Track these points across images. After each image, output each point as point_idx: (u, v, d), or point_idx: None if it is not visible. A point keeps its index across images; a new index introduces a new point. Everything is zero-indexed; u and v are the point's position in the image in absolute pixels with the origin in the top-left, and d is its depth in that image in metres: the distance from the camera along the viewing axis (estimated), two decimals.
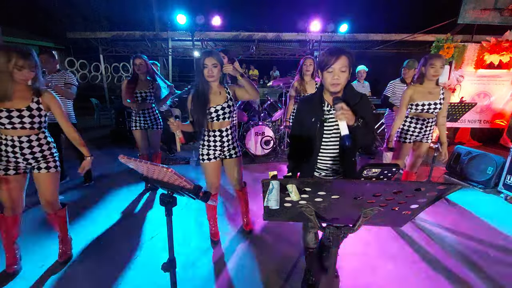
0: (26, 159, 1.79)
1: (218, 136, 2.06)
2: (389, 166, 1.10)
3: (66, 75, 3.09)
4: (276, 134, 4.82)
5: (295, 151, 1.68)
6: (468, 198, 3.22)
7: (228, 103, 2.01)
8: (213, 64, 1.89)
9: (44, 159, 1.84)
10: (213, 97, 1.99)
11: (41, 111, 1.77)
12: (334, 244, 1.02)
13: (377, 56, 8.55)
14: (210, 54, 1.90)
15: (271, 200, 0.89)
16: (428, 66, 2.31)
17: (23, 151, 1.76)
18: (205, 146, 2.10)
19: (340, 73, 1.36)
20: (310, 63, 3.19)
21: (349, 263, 2.09)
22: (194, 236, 2.45)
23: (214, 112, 1.98)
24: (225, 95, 2.02)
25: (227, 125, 2.07)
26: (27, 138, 1.76)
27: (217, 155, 2.12)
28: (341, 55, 1.34)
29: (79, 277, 1.93)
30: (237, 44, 8.86)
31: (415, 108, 2.43)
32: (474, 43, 5.18)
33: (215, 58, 1.90)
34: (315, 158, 1.57)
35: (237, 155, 2.18)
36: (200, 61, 1.91)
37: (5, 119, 1.66)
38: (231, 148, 2.14)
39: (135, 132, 3.15)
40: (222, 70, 1.96)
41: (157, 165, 1.04)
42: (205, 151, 2.11)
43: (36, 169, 1.84)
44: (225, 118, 2.02)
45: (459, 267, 2.07)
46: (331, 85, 1.38)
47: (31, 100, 1.73)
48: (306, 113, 1.56)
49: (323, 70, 1.40)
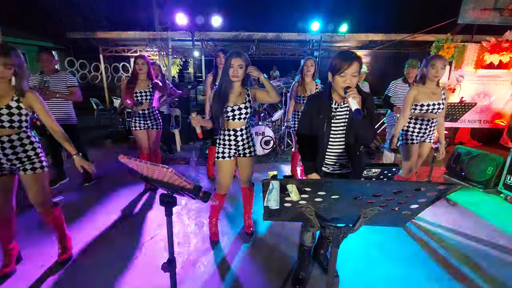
0: (10, 159, 1.75)
1: (232, 135, 2.12)
2: (389, 166, 1.11)
3: (67, 77, 3.09)
4: (276, 134, 4.82)
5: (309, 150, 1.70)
6: (468, 198, 3.22)
7: (246, 104, 2.06)
8: (239, 65, 1.95)
9: (29, 159, 1.80)
10: (233, 97, 2.05)
11: (21, 110, 1.73)
12: (334, 244, 1.02)
13: (377, 56, 8.56)
14: (238, 55, 1.95)
15: (271, 200, 0.89)
16: (429, 66, 2.32)
17: (5, 151, 1.72)
18: (221, 144, 2.17)
19: (352, 77, 1.44)
20: (311, 64, 3.19)
21: (349, 263, 2.09)
22: (194, 236, 2.45)
23: (231, 112, 2.04)
24: (244, 96, 2.07)
25: (243, 125, 2.13)
26: (7, 137, 1.72)
27: (232, 154, 2.18)
28: (354, 61, 1.42)
29: (79, 277, 1.93)
30: (237, 44, 8.86)
31: (420, 109, 2.43)
32: (474, 43, 5.18)
33: (242, 59, 1.95)
34: (323, 154, 1.64)
35: (251, 154, 2.22)
36: (228, 60, 1.96)
37: None
38: (246, 147, 2.19)
39: (135, 132, 3.15)
40: (246, 71, 2.01)
41: (157, 165, 1.04)
42: (221, 149, 2.17)
43: (22, 170, 1.80)
44: (240, 119, 2.08)
45: (459, 267, 2.07)
46: (343, 88, 1.44)
47: (10, 99, 1.70)
48: (314, 110, 1.62)
49: (335, 74, 1.47)
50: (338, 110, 1.58)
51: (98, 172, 3.82)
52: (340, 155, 1.64)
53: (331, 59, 1.53)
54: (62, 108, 3.15)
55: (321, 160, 1.66)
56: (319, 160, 1.65)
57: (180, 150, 5.01)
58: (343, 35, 7.54)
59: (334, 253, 1.03)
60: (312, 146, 1.67)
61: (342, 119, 1.58)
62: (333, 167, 1.69)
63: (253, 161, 2.26)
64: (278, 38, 7.84)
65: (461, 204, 3.08)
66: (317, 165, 1.66)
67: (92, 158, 3.61)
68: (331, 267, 1.05)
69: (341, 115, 1.58)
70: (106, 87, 8.50)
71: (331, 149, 1.64)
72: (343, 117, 1.58)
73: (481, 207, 3.02)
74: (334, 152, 1.64)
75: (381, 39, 7.63)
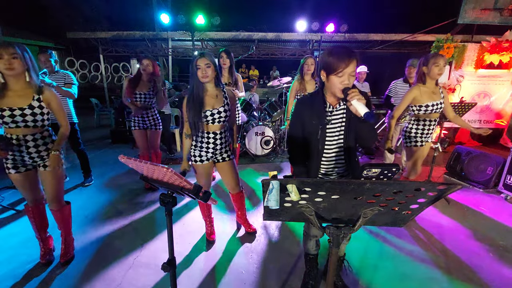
0: (32, 157, 1.83)
1: (212, 138, 2.03)
2: (389, 166, 1.10)
3: (66, 76, 3.09)
4: (276, 134, 4.82)
5: (298, 156, 1.57)
6: (468, 198, 3.22)
7: (225, 107, 1.99)
8: (206, 65, 1.86)
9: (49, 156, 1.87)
10: (209, 100, 1.96)
11: (43, 109, 1.80)
12: (334, 245, 1.01)
13: (377, 56, 8.55)
14: (203, 55, 1.87)
15: (271, 200, 0.89)
16: (432, 65, 2.27)
17: (29, 150, 1.80)
18: (197, 147, 2.05)
19: (350, 77, 1.30)
20: (312, 63, 3.18)
21: (350, 262, 2.09)
22: (194, 236, 2.44)
23: (210, 116, 1.96)
24: (222, 99, 2.00)
25: (222, 128, 2.05)
26: (32, 136, 1.80)
27: (209, 157, 2.08)
28: (353, 59, 1.28)
29: (79, 277, 1.93)
30: (237, 44, 8.86)
31: (425, 110, 2.38)
32: (474, 43, 5.17)
33: (208, 58, 1.87)
34: (318, 162, 1.51)
35: (229, 158, 2.14)
36: (193, 63, 1.88)
37: (8, 118, 1.70)
38: (223, 151, 2.11)
39: (134, 132, 3.15)
40: (215, 70, 1.93)
41: (157, 165, 1.04)
42: (197, 153, 2.06)
43: (42, 166, 1.87)
44: (220, 122, 2.00)
45: (459, 267, 2.07)
46: (340, 89, 1.30)
47: (32, 98, 1.75)
48: (307, 115, 1.47)
49: (330, 74, 1.32)
50: (333, 114, 1.45)
51: (98, 172, 3.83)
52: (337, 161, 1.52)
53: (323, 55, 1.35)
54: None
55: (316, 169, 1.51)
56: (314, 168, 1.51)
57: (180, 150, 5.05)
58: (343, 35, 7.54)
59: (334, 253, 1.03)
60: (305, 153, 1.53)
61: (338, 123, 1.45)
62: (329, 177, 1.56)
63: (233, 164, 2.16)
64: (278, 38, 7.84)
65: (461, 204, 3.08)
66: (312, 174, 1.52)
67: (92, 158, 3.60)
68: (331, 267, 1.05)
69: (337, 119, 1.45)
70: (106, 87, 8.50)
71: (327, 156, 1.50)
72: (339, 120, 1.45)
73: (481, 207, 3.01)
74: (330, 159, 1.51)
75: (381, 39, 7.63)
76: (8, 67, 1.64)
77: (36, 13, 9.31)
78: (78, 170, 3.49)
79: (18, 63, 1.67)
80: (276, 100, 4.86)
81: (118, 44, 8.44)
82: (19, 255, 2.14)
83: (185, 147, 2.11)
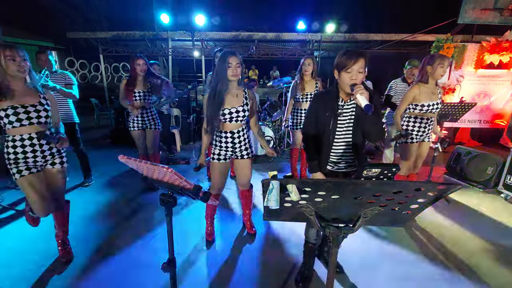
0: (45, 156, 1.86)
1: (229, 137, 2.06)
2: (389, 166, 1.10)
3: (65, 76, 3.09)
4: (276, 134, 4.82)
5: (312, 146, 1.70)
6: (468, 198, 3.22)
7: (243, 107, 2.01)
8: (237, 64, 1.89)
9: (59, 153, 1.94)
10: (229, 99, 1.98)
11: (49, 107, 1.86)
12: (334, 244, 1.02)
13: (377, 56, 8.55)
14: (235, 54, 1.89)
15: (271, 200, 0.89)
16: (437, 65, 2.28)
17: (43, 147, 1.83)
18: (217, 146, 2.11)
19: (357, 73, 1.45)
20: (309, 63, 3.19)
21: (350, 262, 2.09)
22: (194, 236, 2.44)
23: (228, 114, 1.98)
24: (242, 99, 2.02)
25: (240, 127, 2.08)
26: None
27: (228, 156, 2.13)
28: (360, 57, 1.43)
29: (79, 277, 1.93)
30: (237, 44, 8.87)
31: (420, 109, 2.43)
32: (474, 43, 5.18)
33: (238, 57, 1.90)
34: (328, 152, 1.64)
35: (248, 156, 2.18)
36: (224, 61, 1.86)
37: (23, 114, 1.72)
38: (243, 149, 2.15)
39: (133, 133, 3.13)
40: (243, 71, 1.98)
41: (157, 165, 1.04)
42: (216, 151, 2.12)
43: (50, 164, 1.90)
44: (238, 121, 2.03)
45: (459, 267, 2.07)
46: (349, 85, 1.45)
47: (39, 97, 1.81)
48: (321, 107, 1.62)
49: (341, 70, 1.48)
50: (344, 107, 1.59)
51: (98, 172, 3.82)
52: (344, 153, 1.65)
53: (337, 57, 1.53)
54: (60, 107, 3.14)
55: (326, 158, 1.66)
56: (324, 158, 1.66)
57: (180, 150, 5.02)
58: (343, 35, 7.55)
59: (334, 253, 1.03)
60: (317, 144, 1.67)
61: (348, 116, 1.59)
62: (338, 166, 1.69)
63: (250, 162, 2.22)
64: (278, 38, 7.85)
65: (461, 204, 3.08)
66: (322, 164, 1.67)
67: (92, 158, 3.60)
68: (331, 267, 1.05)
69: (347, 112, 1.59)
70: (106, 87, 8.50)
71: (336, 147, 1.64)
72: (349, 114, 1.58)
73: (481, 207, 3.01)
74: (339, 150, 1.65)
75: (381, 39, 7.64)
76: (21, 69, 1.71)
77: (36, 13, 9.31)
78: (78, 170, 3.49)
79: (26, 65, 1.75)
80: (276, 100, 4.86)
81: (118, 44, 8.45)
82: (18, 255, 2.14)
83: (203, 143, 2.18)
